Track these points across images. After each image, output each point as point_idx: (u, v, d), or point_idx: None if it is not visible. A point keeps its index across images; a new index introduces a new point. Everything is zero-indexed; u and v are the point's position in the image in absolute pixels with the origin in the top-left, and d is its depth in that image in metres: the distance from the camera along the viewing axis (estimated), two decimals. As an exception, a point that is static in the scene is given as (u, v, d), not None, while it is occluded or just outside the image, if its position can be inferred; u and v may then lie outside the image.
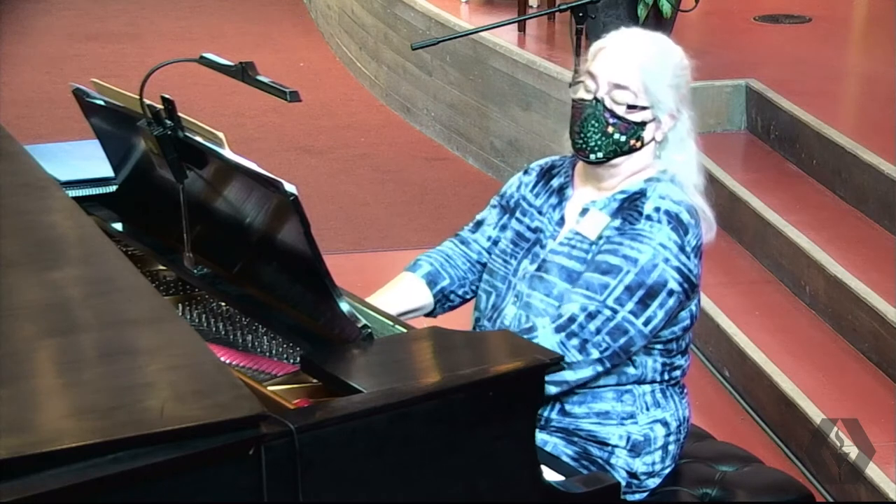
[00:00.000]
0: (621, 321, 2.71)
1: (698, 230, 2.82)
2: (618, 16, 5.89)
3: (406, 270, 3.08)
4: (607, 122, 2.81)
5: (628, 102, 2.80)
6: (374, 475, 2.20)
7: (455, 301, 3.07)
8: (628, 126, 2.81)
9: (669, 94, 2.83)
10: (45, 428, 1.94)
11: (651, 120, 2.83)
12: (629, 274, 2.73)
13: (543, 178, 3.01)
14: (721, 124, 5.88)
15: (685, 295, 2.79)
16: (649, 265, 2.73)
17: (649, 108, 2.81)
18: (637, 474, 2.85)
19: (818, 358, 4.34)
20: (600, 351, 2.71)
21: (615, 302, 2.72)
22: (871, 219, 4.88)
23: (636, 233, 2.77)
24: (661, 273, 2.74)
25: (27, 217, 2.64)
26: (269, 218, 2.58)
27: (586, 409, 2.82)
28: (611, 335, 2.71)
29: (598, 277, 2.74)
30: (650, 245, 2.74)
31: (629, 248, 2.75)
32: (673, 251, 2.75)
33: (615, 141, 2.82)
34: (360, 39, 8.23)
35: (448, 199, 6.34)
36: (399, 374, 2.39)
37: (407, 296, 3.01)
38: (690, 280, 2.79)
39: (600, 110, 2.81)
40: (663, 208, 2.79)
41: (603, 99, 2.82)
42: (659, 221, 2.77)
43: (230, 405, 2.02)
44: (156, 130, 2.74)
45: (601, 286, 2.73)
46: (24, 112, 7.43)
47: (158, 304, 2.36)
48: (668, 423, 2.87)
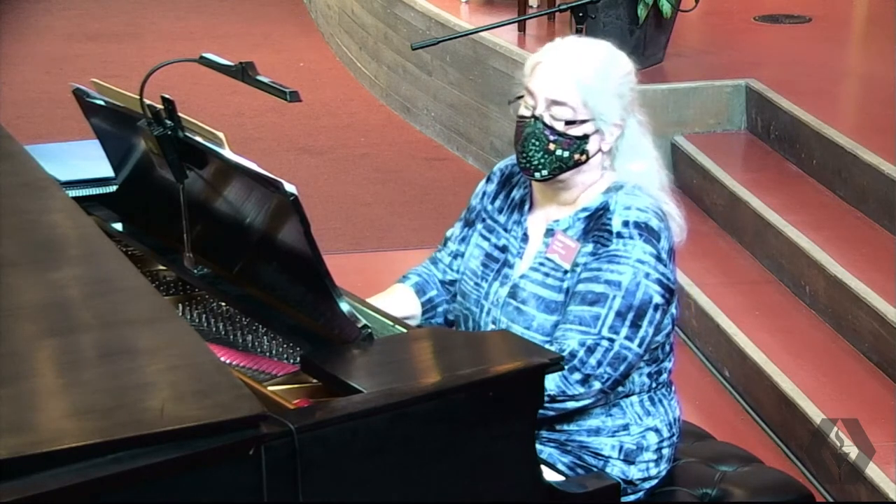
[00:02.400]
0: (619, 349, 2.71)
1: (668, 232, 2.79)
2: (618, 16, 5.88)
3: (396, 283, 3.07)
4: (548, 140, 2.76)
5: (566, 118, 2.75)
6: (374, 475, 2.20)
7: (439, 317, 3.04)
8: (570, 141, 2.76)
9: (612, 104, 2.77)
10: (45, 428, 1.95)
11: (594, 132, 2.77)
12: (616, 299, 2.70)
13: (504, 189, 2.97)
14: (721, 124, 5.87)
15: (668, 304, 2.78)
16: (632, 285, 2.71)
17: (590, 121, 2.76)
18: (633, 480, 2.84)
19: (818, 358, 4.33)
20: (602, 382, 2.71)
21: (610, 331, 2.70)
22: (871, 219, 4.88)
23: (612, 254, 2.73)
24: (644, 290, 2.72)
25: (27, 217, 2.64)
26: (269, 218, 2.58)
27: (576, 425, 2.82)
28: (611, 365, 2.71)
29: (588, 309, 2.72)
30: (628, 264, 2.72)
31: (609, 273, 2.72)
32: (651, 264, 2.73)
33: (558, 157, 2.77)
34: (360, 39, 8.22)
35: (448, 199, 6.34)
36: (399, 374, 2.39)
37: (398, 303, 2.98)
38: (670, 288, 2.77)
39: (540, 128, 2.77)
40: (632, 220, 2.75)
41: (542, 116, 2.77)
42: (631, 237, 2.73)
43: (230, 405, 2.02)
44: (156, 130, 2.74)
45: (593, 318, 2.71)
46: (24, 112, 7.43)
47: (158, 304, 2.36)
48: (659, 430, 2.86)
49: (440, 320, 3.06)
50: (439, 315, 3.05)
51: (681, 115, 5.77)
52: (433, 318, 3.04)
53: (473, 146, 6.82)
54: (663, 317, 2.77)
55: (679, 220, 2.85)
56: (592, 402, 2.75)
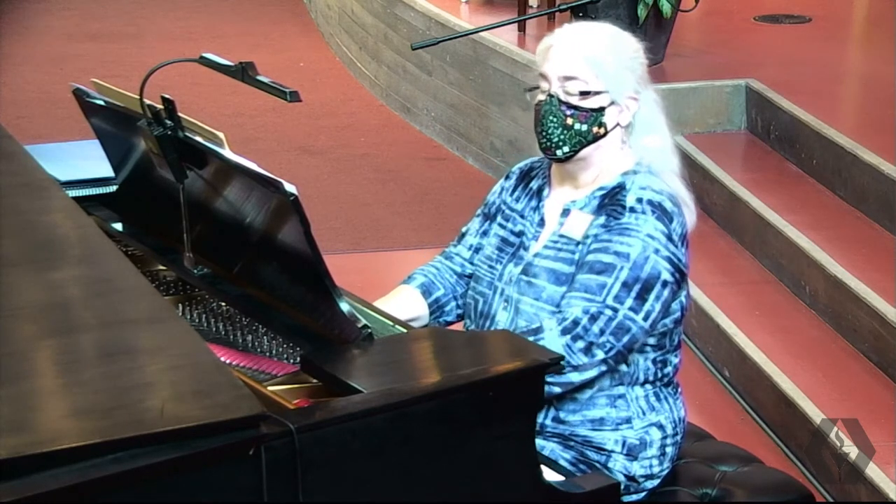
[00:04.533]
0: (623, 319, 2.71)
1: (682, 218, 2.82)
2: (618, 16, 5.88)
3: (401, 284, 3.07)
4: (565, 115, 2.81)
5: (580, 90, 2.80)
6: (373, 475, 2.20)
7: (450, 315, 3.05)
8: (587, 114, 2.81)
9: (625, 76, 2.83)
10: (45, 428, 1.95)
11: (609, 104, 2.82)
12: (623, 270, 2.72)
13: (523, 182, 3.01)
14: (721, 124, 5.87)
15: (677, 285, 2.79)
16: (641, 258, 2.73)
17: (605, 93, 2.81)
18: (635, 477, 2.84)
19: (818, 358, 4.33)
20: (605, 352, 2.71)
21: (615, 300, 2.71)
22: (871, 219, 4.88)
23: (623, 227, 2.76)
24: (653, 265, 2.74)
25: (27, 217, 2.64)
26: (269, 218, 2.58)
27: (580, 416, 2.82)
28: (614, 335, 2.71)
29: (595, 278, 2.74)
30: (638, 238, 2.74)
31: (619, 244, 2.74)
32: (661, 241, 2.75)
33: (577, 132, 2.81)
34: (360, 39, 8.22)
35: (448, 199, 6.34)
36: (399, 374, 2.39)
37: (402, 305, 2.98)
38: (680, 269, 2.78)
39: (556, 105, 2.82)
40: (646, 198, 2.78)
41: (556, 94, 2.82)
42: (643, 212, 2.77)
43: (230, 405, 2.02)
44: (156, 130, 2.74)
45: (599, 286, 2.72)
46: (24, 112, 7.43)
47: (158, 304, 2.36)
48: (663, 426, 2.87)
49: (451, 318, 3.06)
50: (448, 313, 3.05)
51: (681, 115, 5.77)
52: (441, 317, 3.04)
53: (473, 146, 6.82)
54: (672, 297, 2.78)
55: (692, 206, 2.88)
56: (596, 376, 2.74)
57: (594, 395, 2.81)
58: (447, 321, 3.06)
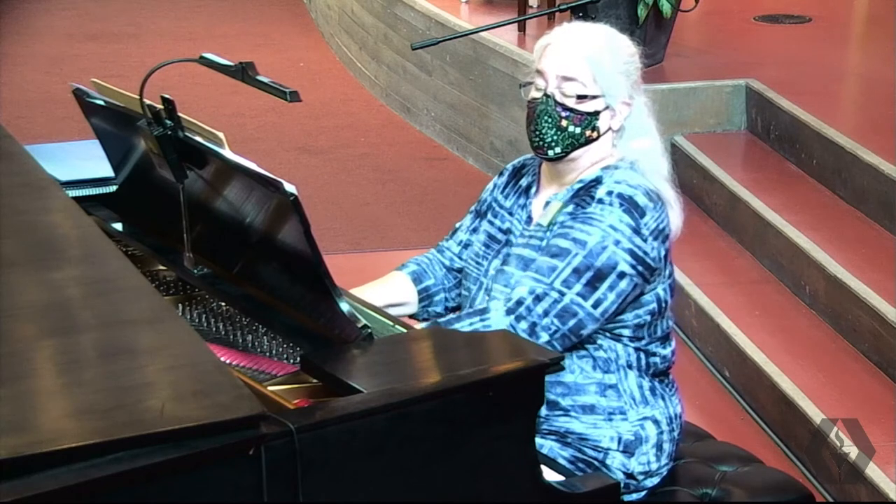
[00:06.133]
0: (569, 303, 2.72)
1: (659, 213, 2.80)
2: (618, 16, 5.88)
3: (395, 270, 3.12)
4: (560, 116, 2.81)
5: (578, 93, 2.80)
6: (374, 475, 2.20)
7: (438, 306, 3.09)
8: (582, 117, 2.81)
9: (620, 82, 2.83)
10: (45, 428, 1.94)
11: (604, 109, 2.82)
12: (577, 256, 2.73)
13: (514, 178, 3.03)
14: (721, 124, 5.88)
15: (641, 278, 2.77)
16: (598, 248, 2.73)
17: (601, 97, 2.81)
18: (634, 474, 2.85)
19: (818, 358, 4.34)
20: (549, 333, 2.72)
21: (562, 284, 2.72)
22: (871, 219, 4.88)
23: (587, 216, 2.77)
24: (610, 255, 2.73)
25: (27, 217, 2.64)
26: (269, 218, 2.58)
27: (571, 401, 2.82)
28: (559, 317, 2.72)
29: (548, 261, 2.75)
30: (599, 227, 2.74)
31: (579, 232, 2.75)
32: (626, 234, 2.74)
33: (571, 134, 2.82)
34: (360, 39, 8.22)
35: (448, 199, 6.34)
36: (399, 374, 2.39)
37: (392, 290, 3.04)
38: (646, 262, 2.77)
39: (552, 105, 2.82)
40: (616, 192, 2.78)
41: (553, 94, 2.82)
42: (611, 204, 2.76)
43: (230, 405, 2.02)
44: (156, 130, 2.74)
45: (549, 269, 2.73)
46: (24, 112, 7.43)
47: (158, 304, 2.36)
48: (658, 421, 2.87)
49: (439, 308, 3.09)
50: (437, 304, 3.08)
51: (681, 115, 5.78)
52: (430, 307, 3.08)
53: (473, 146, 6.82)
54: (634, 290, 2.77)
55: (677, 209, 2.87)
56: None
57: (581, 380, 2.81)
58: (435, 311, 3.10)
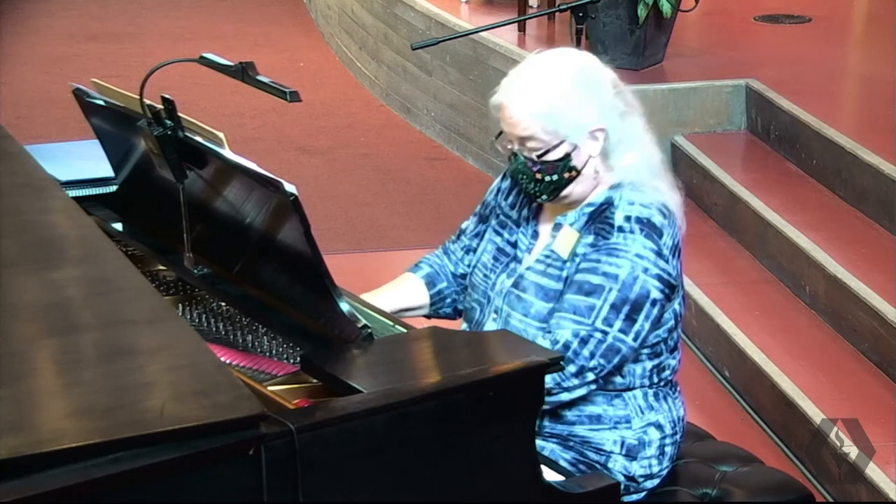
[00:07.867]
0: (613, 342, 2.72)
1: (673, 229, 2.79)
2: (618, 16, 5.89)
3: (408, 271, 3.13)
4: (533, 171, 2.80)
5: (538, 149, 2.77)
6: (374, 475, 2.20)
7: (448, 308, 3.11)
8: (553, 165, 2.78)
9: (581, 116, 2.76)
10: (45, 428, 1.94)
11: (573, 149, 2.78)
12: (612, 292, 2.72)
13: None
14: (721, 124, 5.88)
15: (667, 299, 2.78)
16: (630, 279, 2.72)
17: (563, 142, 2.77)
18: (634, 477, 2.84)
19: (818, 358, 4.34)
20: (596, 374, 2.73)
21: (604, 323, 2.71)
22: (871, 219, 4.88)
23: (611, 247, 2.74)
24: (642, 285, 2.72)
25: (27, 217, 2.64)
26: (269, 218, 2.58)
27: (577, 412, 2.82)
28: (604, 357, 2.72)
29: (583, 299, 2.73)
30: (627, 258, 2.72)
31: (607, 265, 2.73)
32: (651, 259, 2.73)
33: (550, 182, 2.80)
34: (360, 39, 8.22)
35: (448, 199, 6.34)
36: (399, 374, 2.39)
37: (405, 294, 3.06)
38: (671, 283, 2.77)
39: (522, 162, 2.81)
40: (633, 216, 2.75)
41: (519, 152, 2.81)
42: (632, 231, 2.74)
43: (230, 405, 2.02)
44: (156, 130, 2.74)
45: (587, 308, 2.72)
46: (24, 112, 7.43)
47: (158, 304, 2.36)
48: (661, 426, 2.87)
49: (448, 310, 3.12)
50: (447, 306, 3.11)
51: (681, 115, 5.78)
52: (441, 309, 3.11)
53: (473, 146, 6.82)
54: (662, 312, 2.78)
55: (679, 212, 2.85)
56: (585, 392, 2.76)
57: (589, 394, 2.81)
58: (446, 313, 3.12)
